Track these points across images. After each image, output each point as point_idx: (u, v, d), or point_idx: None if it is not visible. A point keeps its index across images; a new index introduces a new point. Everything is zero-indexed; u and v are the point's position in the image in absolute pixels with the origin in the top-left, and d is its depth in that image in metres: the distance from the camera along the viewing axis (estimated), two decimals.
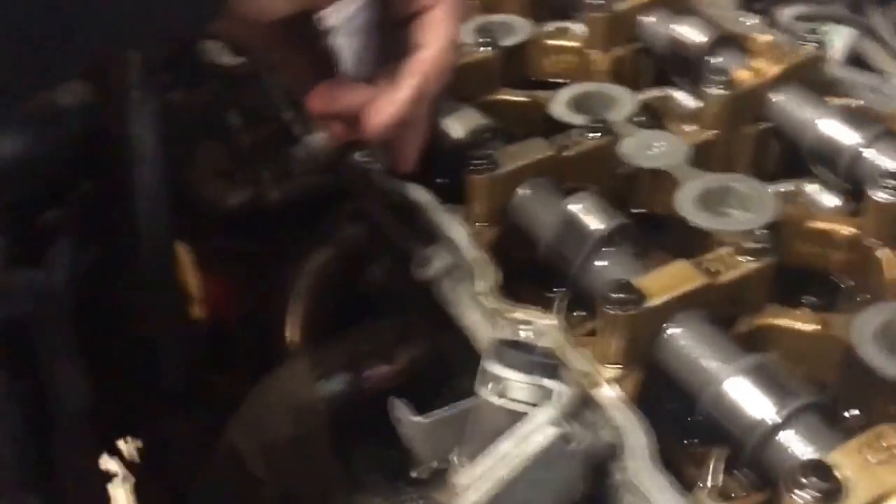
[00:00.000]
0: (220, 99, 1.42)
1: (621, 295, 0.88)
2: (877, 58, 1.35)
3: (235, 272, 1.46)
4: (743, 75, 1.15)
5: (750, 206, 1.05)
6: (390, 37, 1.00)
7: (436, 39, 0.96)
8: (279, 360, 1.28)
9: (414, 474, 1.08)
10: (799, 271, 1.07)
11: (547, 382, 0.81)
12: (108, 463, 1.58)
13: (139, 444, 1.52)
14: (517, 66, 1.33)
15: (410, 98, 0.97)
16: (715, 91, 1.14)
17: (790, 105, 1.15)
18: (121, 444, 1.63)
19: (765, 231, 0.95)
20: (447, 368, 1.16)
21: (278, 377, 1.22)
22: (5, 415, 1.00)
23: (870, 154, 1.06)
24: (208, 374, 1.35)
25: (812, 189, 1.14)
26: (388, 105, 0.96)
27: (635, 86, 1.27)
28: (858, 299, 1.02)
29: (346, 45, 0.98)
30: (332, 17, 0.96)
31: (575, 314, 1.03)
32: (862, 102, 1.18)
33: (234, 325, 1.44)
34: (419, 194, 1.11)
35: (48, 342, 1.18)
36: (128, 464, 1.55)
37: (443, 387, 1.15)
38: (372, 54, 1.01)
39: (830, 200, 1.12)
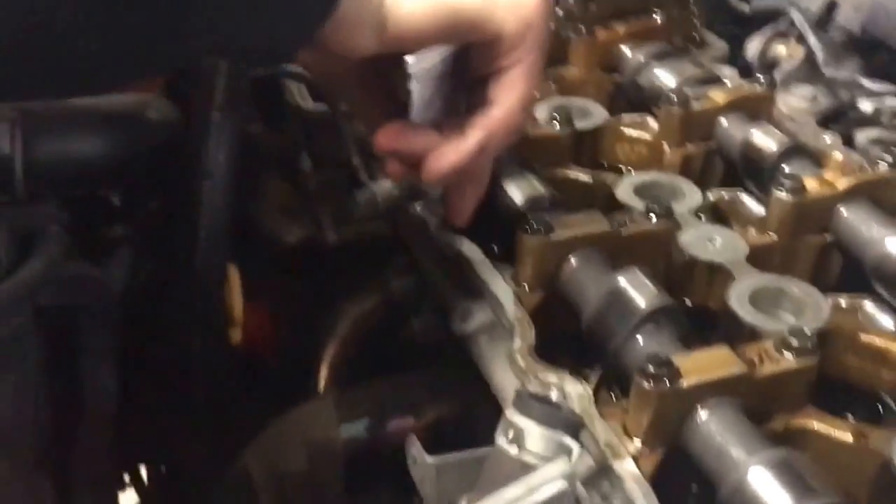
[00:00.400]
0: (296, 141, 1.45)
1: (657, 369, 0.86)
2: None
3: (280, 308, 1.47)
4: (812, 184, 1.14)
5: (804, 310, 1.03)
6: (462, 90, 1.03)
7: (508, 99, 0.98)
8: (307, 397, 1.28)
9: None
10: (845, 386, 1.04)
11: (566, 440, 0.79)
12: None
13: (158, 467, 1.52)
14: (589, 149, 1.34)
15: (474, 150, 0.99)
16: (782, 195, 1.13)
17: (857, 220, 1.13)
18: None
19: (811, 331, 0.93)
20: (473, 432, 1.14)
21: (301, 412, 1.22)
22: (33, 398, 1.00)
23: None
24: (237, 401, 1.35)
25: (871, 307, 1.11)
26: (451, 153, 0.99)
27: (704, 184, 1.27)
28: None
29: (420, 91, 1.00)
30: (414, 63, 0.98)
31: (610, 393, 1.02)
32: None
33: (268, 358, 1.44)
34: (470, 249, 1.11)
35: (90, 340, 1.19)
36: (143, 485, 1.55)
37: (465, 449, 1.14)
38: (442, 104, 1.03)
39: (889, 321, 1.09)
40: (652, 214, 1.10)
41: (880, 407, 1.03)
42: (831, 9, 1.40)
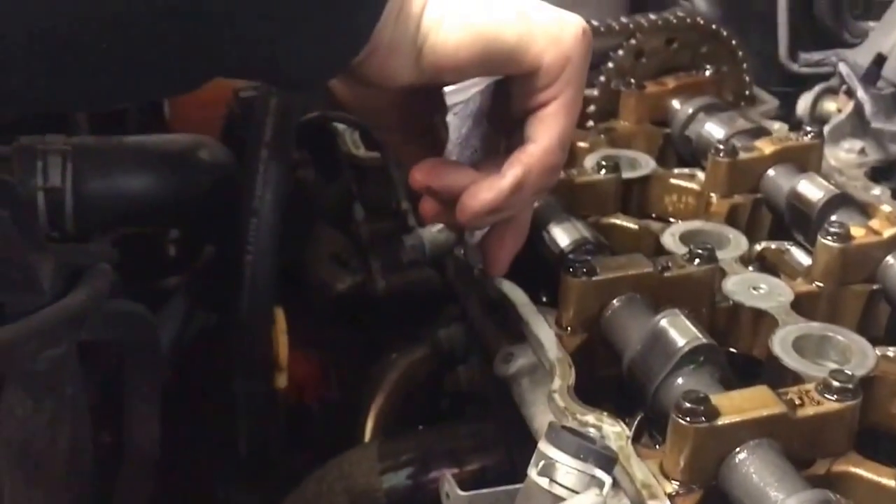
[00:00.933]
0: (349, 190, 1.48)
1: (694, 406, 0.86)
2: None
3: (328, 356, 1.49)
4: (859, 232, 1.14)
5: (849, 358, 1.02)
6: (500, 129, 1.02)
7: (545, 135, 0.95)
8: (351, 446, 1.28)
9: None
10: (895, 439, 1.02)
11: (598, 472, 0.79)
12: None
13: None
14: (637, 198, 1.35)
15: (511, 188, 0.94)
16: (829, 242, 1.13)
17: None
18: None
19: (854, 375, 0.92)
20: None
21: (344, 460, 1.22)
22: (69, 430, 1.02)
23: None
24: (282, 450, 1.36)
25: None
26: (487, 191, 0.95)
27: (752, 235, 1.27)
28: None
29: (457, 126, 0.97)
30: (450, 96, 0.95)
31: (651, 438, 1.02)
32: None
33: (313, 407, 1.45)
34: (514, 292, 1.12)
35: (135, 380, 1.21)
36: None
37: None
38: (478, 142, 1.01)
39: None
40: (696, 259, 1.10)
41: None
42: (879, 62, 1.41)
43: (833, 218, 1.20)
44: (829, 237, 1.13)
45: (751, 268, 1.21)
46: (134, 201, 1.24)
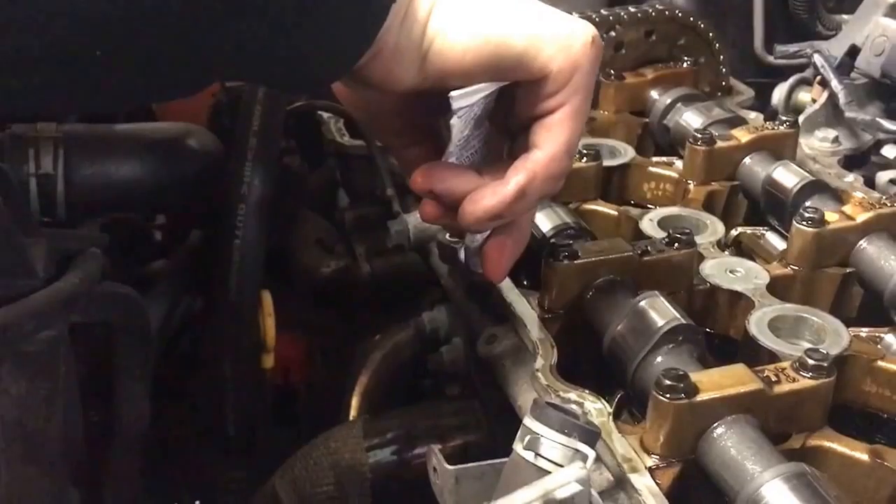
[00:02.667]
0: (333, 177, 1.50)
1: (674, 383, 0.89)
2: None
3: (313, 338, 1.51)
4: (831, 217, 1.17)
5: (822, 338, 1.06)
6: (504, 134, 1.00)
7: (551, 143, 0.92)
8: (336, 425, 1.30)
9: None
10: (867, 415, 1.06)
11: (582, 446, 0.82)
12: None
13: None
14: (616, 185, 1.38)
15: (514, 195, 0.92)
16: (803, 227, 1.16)
17: (876, 253, 1.15)
18: None
19: (828, 353, 0.95)
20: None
21: (331, 437, 1.24)
22: (63, 410, 1.04)
23: None
24: (269, 427, 1.38)
25: (891, 338, 1.13)
26: (489, 196, 0.93)
27: (728, 221, 1.31)
28: None
29: (459, 129, 0.94)
30: (456, 100, 0.91)
31: (632, 415, 1.05)
32: None
33: (299, 387, 1.48)
34: None
35: (125, 360, 1.23)
36: None
37: None
38: (480, 145, 0.99)
39: None
40: (675, 243, 1.13)
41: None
42: (853, 54, 1.44)
43: (808, 204, 1.24)
44: (804, 222, 1.16)
45: (727, 252, 1.25)
46: (124, 188, 1.26)
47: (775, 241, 1.29)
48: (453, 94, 0.90)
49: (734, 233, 1.30)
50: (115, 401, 1.19)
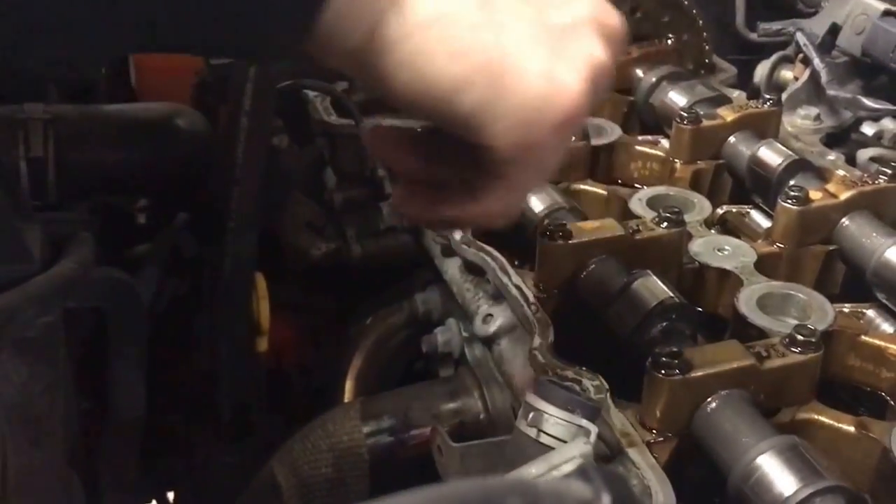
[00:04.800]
0: (321, 157, 1.51)
1: (669, 360, 0.92)
2: None
3: (306, 321, 1.52)
4: (815, 195, 1.20)
5: (808, 314, 1.09)
6: None
7: (491, 200, 0.82)
8: (331, 408, 1.32)
9: None
10: (851, 388, 1.09)
11: (584, 423, 0.84)
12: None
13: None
14: (604, 165, 1.40)
15: (442, 221, 0.94)
16: (787, 205, 1.19)
17: (857, 230, 1.18)
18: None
19: (816, 329, 0.98)
20: (494, 434, 1.19)
21: (327, 419, 1.25)
22: (64, 395, 1.05)
23: None
24: (263, 411, 1.39)
25: (873, 313, 1.16)
26: (420, 208, 0.87)
27: (713, 199, 1.33)
28: None
29: None
30: None
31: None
32: None
33: (291, 371, 1.49)
34: (492, 255, 1.16)
35: (119, 345, 1.24)
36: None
37: None
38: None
39: (890, 327, 1.14)
40: (665, 222, 1.15)
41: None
42: (834, 32, 1.47)
43: (792, 182, 1.27)
44: (789, 200, 1.19)
45: (714, 230, 1.27)
46: (114, 170, 1.26)
47: (760, 220, 1.32)
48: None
49: (720, 211, 1.32)
50: (109, 387, 1.20)
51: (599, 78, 0.76)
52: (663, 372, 0.91)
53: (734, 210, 1.33)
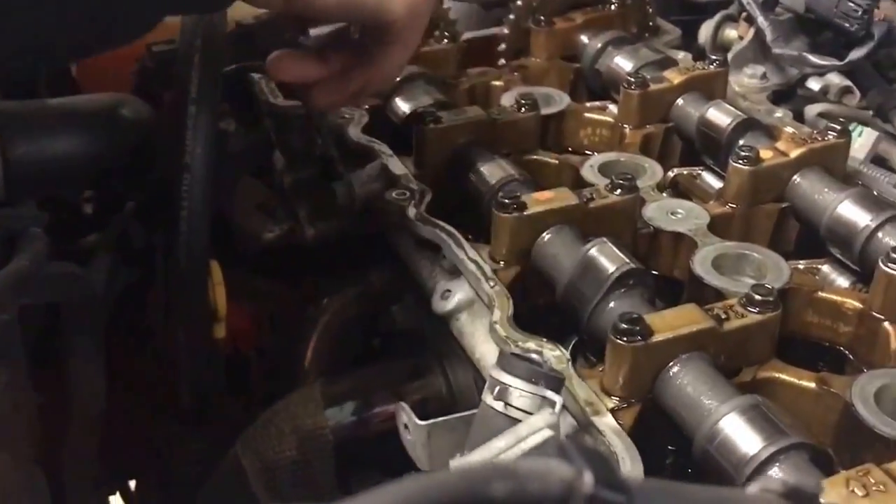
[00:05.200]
0: (269, 139, 1.49)
1: (630, 327, 0.92)
2: None
3: (261, 304, 1.50)
4: (766, 154, 1.20)
5: (764, 273, 1.09)
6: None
7: (388, 63, 1.17)
8: (291, 391, 1.31)
9: None
10: (810, 345, 1.10)
11: (549, 394, 0.84)
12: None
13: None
14: (554, 133, 1.40)
15: (353, 94, 1.22)
16: (738, 166, 1.19)
17: (809, 187, 1.19)
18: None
19: (773, 288, 0.99)
20: (456, 410, 1.19)
21: (289, 402, 1.24)
22: (25, 392, 1.03)
23: (882, 235, 1.10)
24: (223, 397, 1.38)
25: (827, 269, 1.17)
26: (334, 93, 1.20)
27: (664, 163, 1.33)
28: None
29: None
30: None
31: (588, 360, 1.08)
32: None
33: (250, 354, 1.48)
34: (447, 231, 1.15)
35: (76, 341, 1.22)
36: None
37: None
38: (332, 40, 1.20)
39: (844, 282, 1.15)
40: (618, 189, 1.15)
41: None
42: None
43: (742, 142, 1.27)
44: (740, 161, 1.19)
45: (665, 194, 1.27)
46: (62, 164, 1.23)
47: (711, 181, 1.33)
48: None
49: (671, 174, 1.33)
50: (68, 383, 1.18)
51: None
52: (625, 339, 0.92)
53: (685, 172, 1.33)
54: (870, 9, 1.34)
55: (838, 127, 1.22)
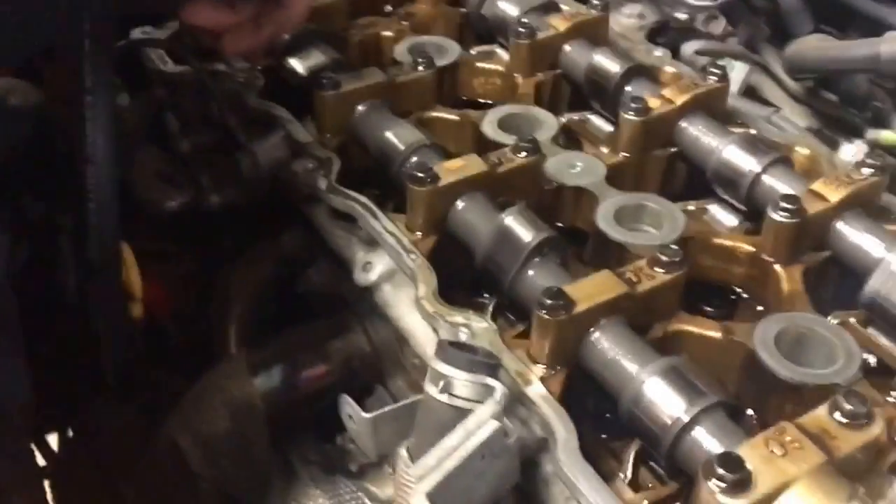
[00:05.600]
0: (160, 105, 1.47)
1: (553, 301, 0.98)
2: (769, 91, 1.48)
3: (172, 274, 1.51)
4: (654, 103, 1.27)
5: (661, 222, 1.17)
6: None
7: (298, 6, 1.23)
8: (217, 359, 1.33)
9: (353, 468, 1.16)
10: (703, 283, 1.19)
11: (489, 381, 0.90)
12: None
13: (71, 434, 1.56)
14: (448, 85, 1.43)
15: (265, 40, 1.26)
16: (629, 117, 1.26)
17: (696, 132, 1.27)
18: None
19: (676, 248, 1.07)
20: (380, 365, 1.24)
21: (216, 374, 1.27)
22: None
23: (767, 179, 1.19)
24: (144, 369, 1.39)
25: (714, 209, 1.26)
26: (248, 39, 1.24)
27: (555, 109, 1.39)
28: (759, 309, 1.14)
29: None
30: None
31: (508, 319, 1.15)
32: (754, 132, 1.31)
33: (168, 323, 1.49)
34: (362, 202, 1.19)
35: None
36: (59, 455, 1.59)
37: (376, 383, 1.24)
38: None
39: (729, 220, 1.25)
40: (523, 152, 1.20)
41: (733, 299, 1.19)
42: None
43: (629, 90, 1.33)
44: (630, 112, 1.26)
45: (560, 142, 1.33)
46: None
47: (600, 124, 1.40)
48: None
49: (563, 120, 1.38)
50: None
51: None
52: (549, 314, 0.98)
53: (576, 118, 1.40)
54: None
55: (718, 71, 1.30)
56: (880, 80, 1.37)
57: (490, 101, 1.43)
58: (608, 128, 1.38)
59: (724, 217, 1.26)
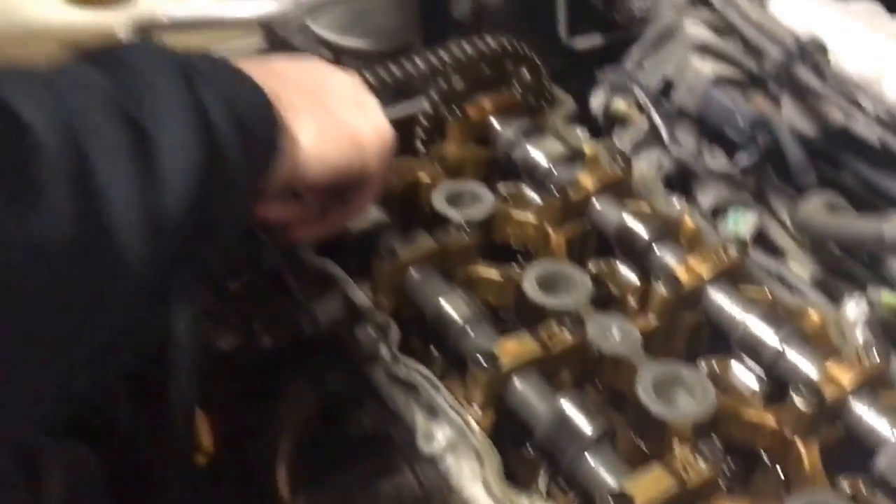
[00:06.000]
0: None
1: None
2: (775, 234, 1.62)
3: (218, 413, 1.57)
4: (683, 276, 1.40)
5: (693, 392, 1.30)
6: None
7: (359, 201, 1.35)
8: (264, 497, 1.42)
9: None
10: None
11: None
12: None
13: None
14: (485, 233, 1.53)
15: (330, 230, 1.39)
16: (662, 291, 1.38)
17: (720, 303, 1.41)
18: None
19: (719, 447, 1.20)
20: None
21: None
22: None
23: (789, 354, 1.33)
24: None
25: (735, 366, 1.40)
26: (313, 228, 1.36)
27: (584, 257, 1.51)
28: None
29: None
30: None
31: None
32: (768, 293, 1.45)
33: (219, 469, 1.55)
34: (423, 375, 1.29)
35: None
36: None
37: None
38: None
39: (751, 382, 1.39)
40: (566, 325, 1.31)
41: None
42: (667, 89, 1.63)
43: (657, 253, 1.46)
44: (661, 284, 1.39)
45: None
46: None
47: (626, 273, 1.52)
48: None
49: (591, 269, 1.50)
50: None
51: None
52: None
53: (603, 268, 1.52)
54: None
55: (736, 243, 1.43)
56: None
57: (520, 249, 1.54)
58: (633, 277, 1.51)
59: (745, 378, 1.39)
